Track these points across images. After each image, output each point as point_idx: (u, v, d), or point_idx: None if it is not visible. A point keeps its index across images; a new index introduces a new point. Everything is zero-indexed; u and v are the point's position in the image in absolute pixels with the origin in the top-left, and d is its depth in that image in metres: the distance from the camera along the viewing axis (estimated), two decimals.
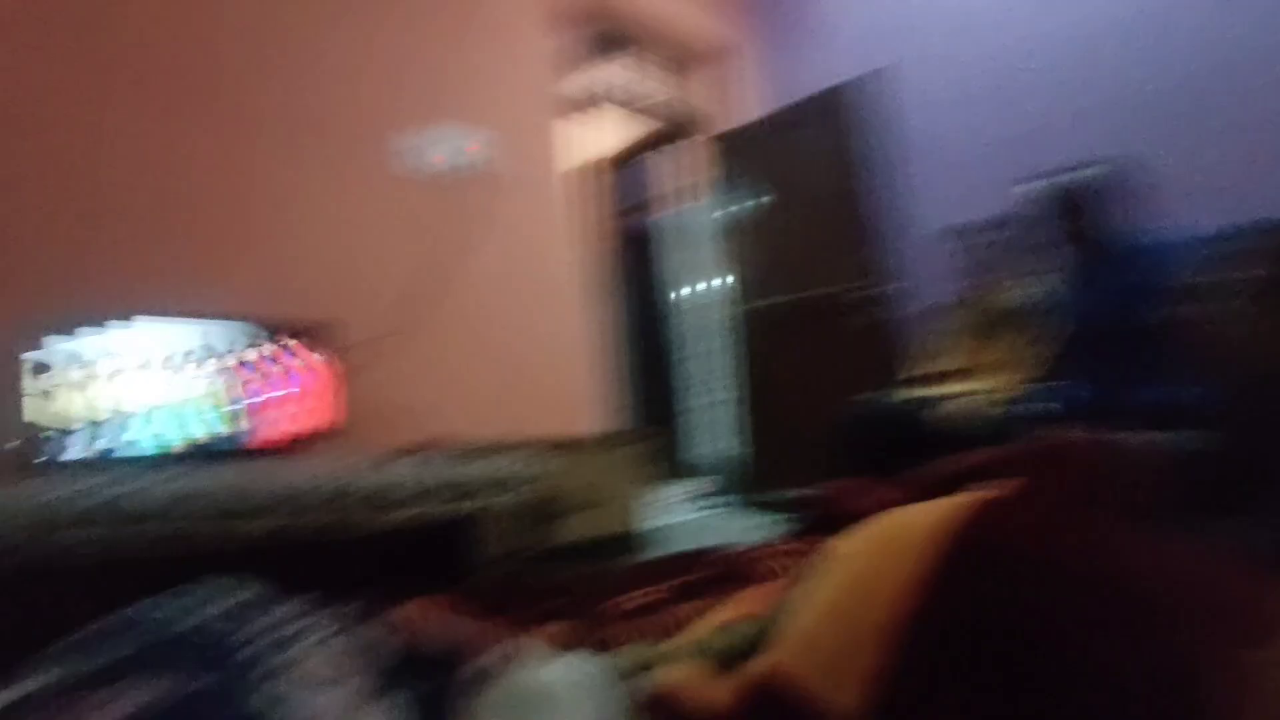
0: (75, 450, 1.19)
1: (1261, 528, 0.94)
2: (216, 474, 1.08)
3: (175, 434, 1.30)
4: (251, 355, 1.40)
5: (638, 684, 0.53)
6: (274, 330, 1.44)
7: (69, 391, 1.20)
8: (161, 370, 1.30)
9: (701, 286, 3.29)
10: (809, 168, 2.79)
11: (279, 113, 1.71)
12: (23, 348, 1.17)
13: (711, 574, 1.04)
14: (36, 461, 1.17)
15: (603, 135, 3.86)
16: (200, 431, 1.33)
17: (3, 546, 0.81)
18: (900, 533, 0.43)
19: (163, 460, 1.27)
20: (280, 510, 1.00)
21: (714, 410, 3.20)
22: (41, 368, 1.18)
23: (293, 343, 1.45)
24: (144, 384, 1.27)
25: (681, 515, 2.84)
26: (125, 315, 1.27)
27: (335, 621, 0.44)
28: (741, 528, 2.35)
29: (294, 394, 1.45)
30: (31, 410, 1.17)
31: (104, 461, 1.21)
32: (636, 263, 4.19)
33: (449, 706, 0.38)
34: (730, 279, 3.10)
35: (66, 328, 1.21)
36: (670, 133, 3.52)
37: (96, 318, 1.24)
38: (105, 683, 0.33)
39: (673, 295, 3.60)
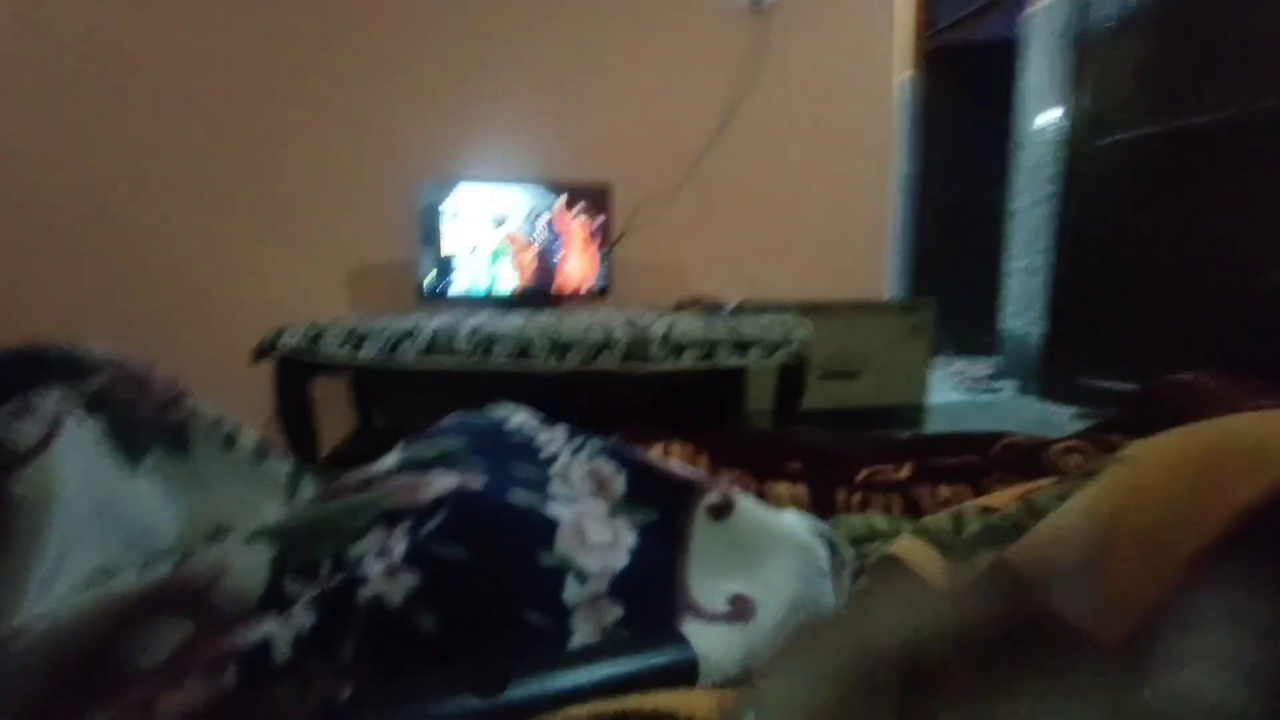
0: (448, 283, 1.55)
1: None
2: (526, 317, 1.30)
3: (498, 279, 1.59)
4: (545, 216, 1.59)
5: (866, 550, 0.53)
6: (563, 192, 1.61)
7: (448, 234, 1.54)
8: (487, 224, 1.57)
9: (1036, 120, 2.62)
10: None
11: None
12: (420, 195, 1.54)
13: (977, 461, 0.93)
14: (424, 288, 1.55)
15: None
16: (511, 279, 1.60)
17: (399, 363, 1.10)
18: (1226, 442, 0.32)
19: (490, 299, 1.59)
20: (578, 348, 1.17)
21: (1019, 278, 2.70)
22: (433, 212, 1.52)
23: (579, 205, 1.61)
24: (480, 235, 1.57)
25: (953, 394, 2.58)
26: (468, 179, 1.58)
27: (598, 445, 0.51)
28: (1024, 418, 2.05)
29: (575, 251, 1.63)
30: (435, 245, 1.53)
31: (460, 297, 1.57)
32: (955, 91, 3.54)
33: (678, 530, 0.42)
34: (1082, 104, 2.38)
35: (444, 183, 1.53)
36: None
37: (455, 178, 1.55)
38: (440, 464, 0.45)
39: (1006, 130, 2.96)
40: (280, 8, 1.59)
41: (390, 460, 0.46)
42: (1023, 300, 2.66)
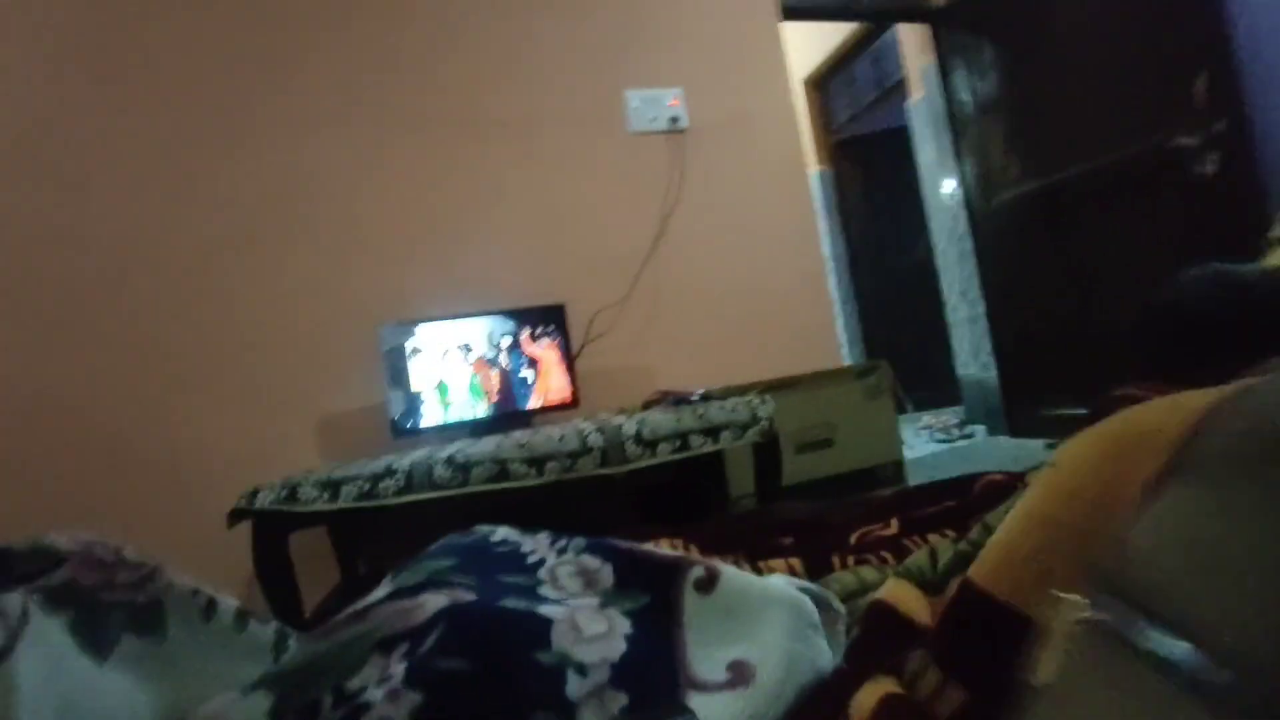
0: (418, 418, 1.57)
1: None
2: (499, 439, 1.32)
3: (466, 407, 1.62)
4: (506, 341, 1.66)
5: (859, 603, 0.54)
6: (521, 318, 1.69)
7: (415, 372, 1.57)
8: (452, 356, 1.62)
9: (940, 188, 2.90)
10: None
11: (497, 119, 1.94)
12: (383, 339, 1.60)
13: (958, 504, 0.95)
14: (397, 426, 1.57)
15: (804, 51, 3.61)
16: (480, 405, 1.63)
17: (379, 503, 1.09)
18: (1127, 432, 0.36)
19: (461, 427, 1.61)
20: (556, 459, 1.18)
21: (963, 328, 2.86)
22: (399, 353, 1.57)
23: (537, 327, 1.68)
24: (444, 367, 1.61)
25: (929, 446, 2.63)
26: (429, 318, 1.65)
27: (581, 544, 0.53)
28: (998, 457, 2.10)
29: (541, 369, 1.68)
30: (403, 384, 1.56)
31: (432, 430, 1.58)
32: (860, 177, 3.89)
33: (670, 609, 0.43)
34: (970, 172, 2.68)
35: (406, 325, 1.59)
36: (874, 30, 3.15)
37: (415, 319, 1.62)
38: (431, 586, 0.45)
39: (911, 201, 3.25)
40: (223, 175, 1.70)
41: (380, 591, 0.47)
42: (970, 348, 2.80)
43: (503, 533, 0.61)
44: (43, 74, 1.61)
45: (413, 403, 1.58)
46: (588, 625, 0.42)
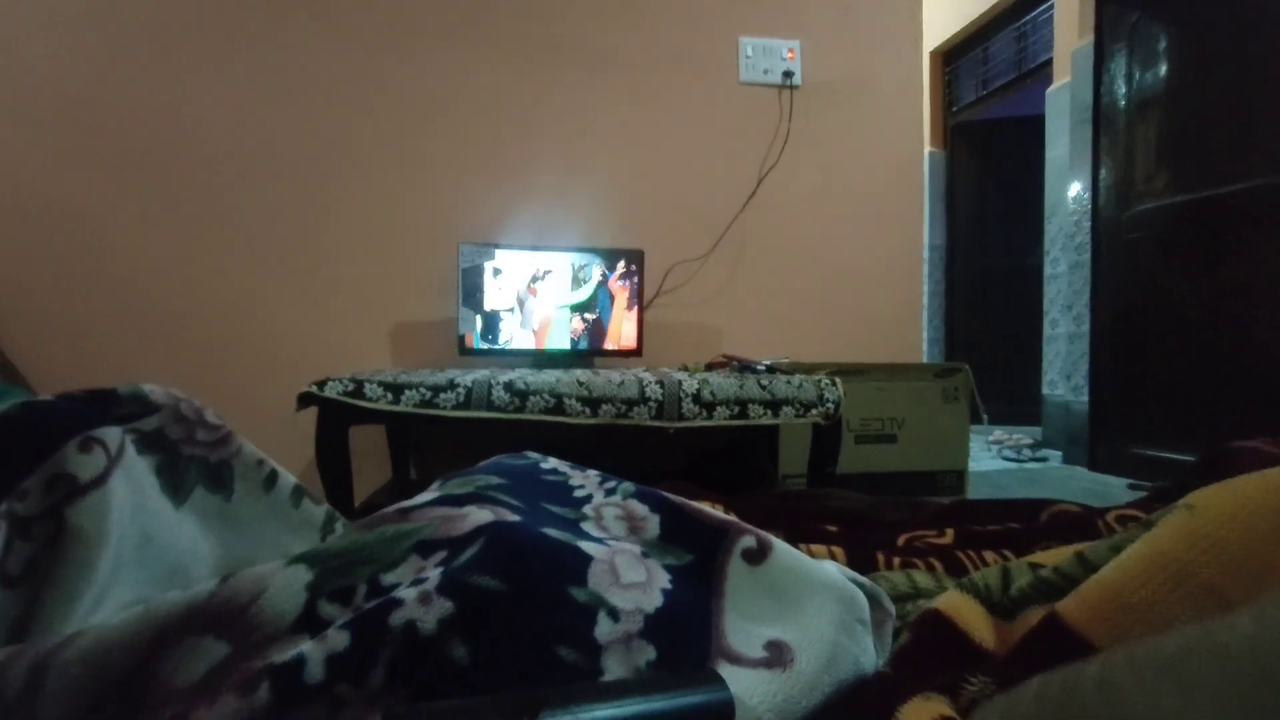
0: (487, 339, 1.60)
1: None
2: (559, 372, 1.32)
3: (533, 336, 1.63)
4: (590, 276, 1.64)
5: (908, 609, 0.50)
6: (600, 257, 1.66)
7: (489, 294, 1.59)
8: (528, 283, 1.62)
9: (1066, 189, 2.65)
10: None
11: (605, 55, 1.88)
12: (462, 257, 1.62)
13: (1023, 528, 0.88)
14: (464, 344, 1.61)
15: (937, 20, 3.34)
16: (547, 336, 1.64)
17: (436, 413, 1.12)
18: None
19: (525, 355, 1.63)
20: (611, 403, 1.18)
21: (1060, 345, 2.65)
22: (476, 273, 1.59)
23: (614, 269, 1.66)
24: (519, 293, 1.62)
25: (995, 462, 2.49)
26: (509, 245, 1.65)
27: (631, 488, 0.51)
28: (1071, 488, 1.96)
29: (613, 312, 1.67)
30: (475, 304, 1.59)
31: (498, 350, 1.61)
32: (976, 164, 3.61)
33: (713, 574, 0.41)
34: (1107, 175, 2.43)
35: (485, 247, 1.60)
36: (1023, 3, 2.86)
37: (495, 243, 1.62)
38: (477, 500, 0.45)
39: (1027, 200, 3.01)
40: (326, 82, 1.73)
41: (427, 495, 0.47)
42: (1064, 368, 2.60)
43: (553, 463, 0.60)
44: None
45: (483, 323, 1.60)
46: (626, 571, 0.40)
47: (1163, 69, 2.21)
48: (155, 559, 0.55)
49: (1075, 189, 2.56)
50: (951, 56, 3.61)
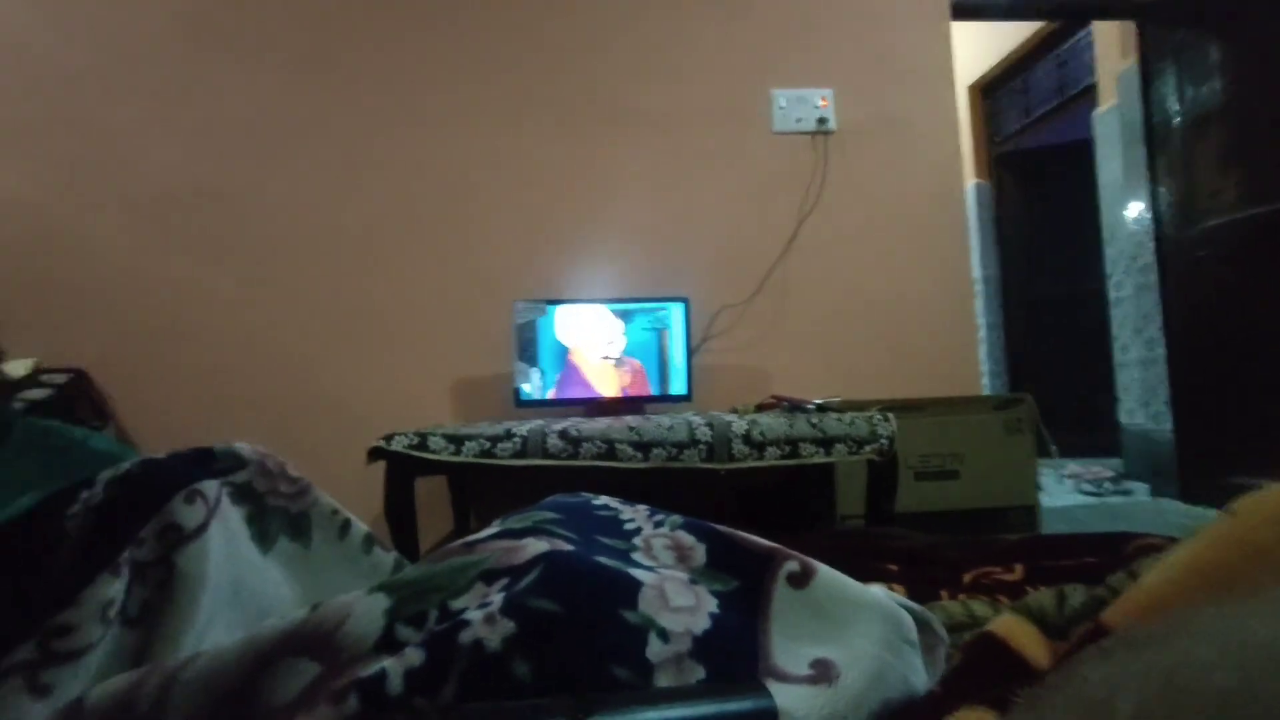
0: (540, 391, 1.66)
1: None
2: (610, 420, 1.36)
3: (585, 386, 1.68)
4: (630, 328, 1.70)
5: (965, 636, 0.50)
6: (646, 306, 1.72)
7: (542, 348, 1.67)
8: (578, 337, 1.69)
9: (1124, 210, 2.57)
10: None
11: (637, 115, 1.99)
12: (517, 314, 1.73)
13: (1100, 562, 0.84)
14: (520, 396, 1.68)
15: (973, 56, 3.36)
16: (599, 386, 1.68)
17: (501, 462, 1.17)
18: None
19: (578, 404, 1.69)
20: (662, 446, 1.20)
21: (1134, 371, 2.52)
22: (530, 328, 1.67)
23: (662, 315, 1.71)
24: (570, 346, 1.68)
25: (1072, 497, 2.35)
26: (561, 299, 1.74)
27: (678, 520, 0.54)
28: (1161, 523, 1.83)
29: (663, 359, 1.71)
30: (530, 358, 1.68)
31: (552, 401, 1.68)
32: (1023, 193, 3.56)
33: (759, 597, 0.43)
34: (1167, 193, 2.35)
35: (538, 303, 1.70)
36: (1060, 31, 2.86)
37: (548, 298, 1.72)
38: (534, 533, 0.49)
39: (1076, 226, 2.93)
40: (391, 163, 1.90)
41: (489, 530, 0.50)
42: (1141, 395, 2.46)
43: (604, 499, 0.63)
44: (254, 62, 1.88)
45: (538, 376, 1.67)
46: (675, 596, 0.42)
47: (1217, 83, 2.16)
48: (247, 602, 0.61)
49: (1134, 210, 2.48)
50: (991, 89, 3.62)
